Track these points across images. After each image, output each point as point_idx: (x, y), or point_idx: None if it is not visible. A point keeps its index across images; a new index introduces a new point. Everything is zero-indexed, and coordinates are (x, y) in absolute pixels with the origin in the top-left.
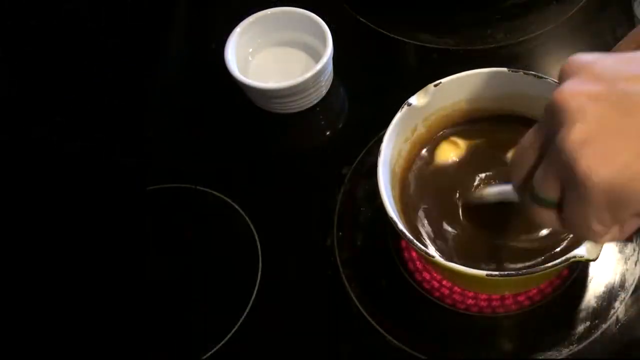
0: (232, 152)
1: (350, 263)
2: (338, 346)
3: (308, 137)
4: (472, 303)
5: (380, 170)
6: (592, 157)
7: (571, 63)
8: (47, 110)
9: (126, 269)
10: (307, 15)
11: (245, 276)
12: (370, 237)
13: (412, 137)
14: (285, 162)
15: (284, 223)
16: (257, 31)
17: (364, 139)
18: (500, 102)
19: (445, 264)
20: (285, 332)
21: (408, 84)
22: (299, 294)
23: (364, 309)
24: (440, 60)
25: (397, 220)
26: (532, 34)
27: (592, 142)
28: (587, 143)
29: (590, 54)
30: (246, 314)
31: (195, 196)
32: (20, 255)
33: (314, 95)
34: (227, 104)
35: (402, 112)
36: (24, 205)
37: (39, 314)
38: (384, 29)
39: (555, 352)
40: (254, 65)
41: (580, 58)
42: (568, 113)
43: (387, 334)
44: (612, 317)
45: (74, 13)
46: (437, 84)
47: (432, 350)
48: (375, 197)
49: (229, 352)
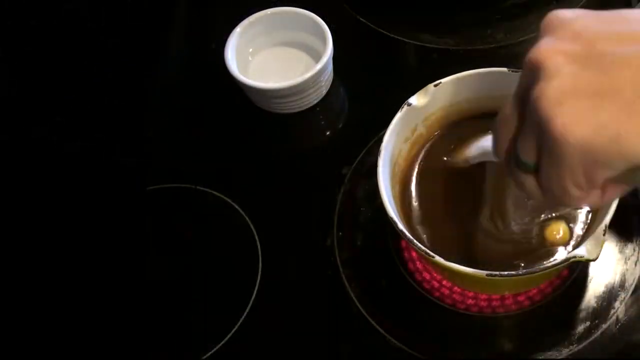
0: (232, 152)
1: (350, 263)
2: (338, 346)
3: (308, 137)
4: (472, 303)
5: (380, 170)
6: (568, 115)
7: (550, 19)
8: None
9: (126, 269)
10: (307, 15)
11: (245, 276)
12: (370, 237)
13: (412, 137)
14: (285, 162)
15: (284, 223)
16: (257, 31)
17: (364, 139)
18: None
19: (445, 264)
20: (285, 332)
21: (408, 84)
22: (299, 294)
23: (364, 309)
24: (440, 60)
25: (397, 220)
26: (532, 34)
27: (568, 100)
28: (563, 101)
29: (571, 10)
30: (246, 314)
31: (195, 196)
32: (21, 255)
33: (314, 95)
34: (227, 104)
35: (402, 112)
36: (24, 205)
37: (39, 313)
38: (384, 29)
39: (555, 352)
40: (254, 65)
41: (560, 14)
42: (544, 71)
43: (387, 334)
44: (612, 317)
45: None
46: (437, 84)
47: (432, 350)
48: (375, 197)
49: (229, 352)
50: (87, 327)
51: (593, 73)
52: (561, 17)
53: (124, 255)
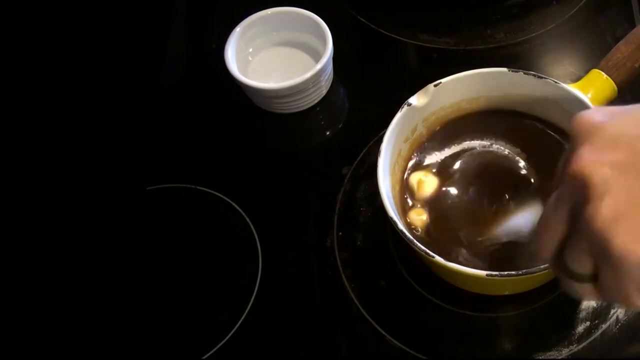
0: (232, 152)
1: (350, 263)
2: (338, 346)
3: (308, 137)
4: (472, 303)
5: (380, 170)
6: (626, 234)
7: (581, 124)
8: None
9: (126, 269)
10: (307, 15)
11: (245, 276)
12: (370, 237)
13: (412, 137)
14: (285, 162)
15: (284, 223)
16: (257, 31)
17: (364, 139)
18: (500, 102)
19: (445, 264)
20: (285, 332)
21: (408, 84)
22: (299, 294)
23: (364, 309)
24: (440, 60)
25: (397, 220)
26: (532, 34)
27: (624, 217)
28: (619, 219)
29: (600, 112)
30: (246, 314)
31: (195, 196)
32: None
33: (314, 95)
34: (227, 104)
35: (402, 112)
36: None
37: (39, 313)
38: (384, 29)
39: (555, 352)
40: (254, 65)
41: (591, 118)
42: (592, 187)
43: (387, 334)
44: (612, 317)
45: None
46: (437, 84)
47: (432, 350)
48: (375, 197)
49: (229, 352)
50: (86, 326)
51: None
52: (593, 122)
53: (124, 255)
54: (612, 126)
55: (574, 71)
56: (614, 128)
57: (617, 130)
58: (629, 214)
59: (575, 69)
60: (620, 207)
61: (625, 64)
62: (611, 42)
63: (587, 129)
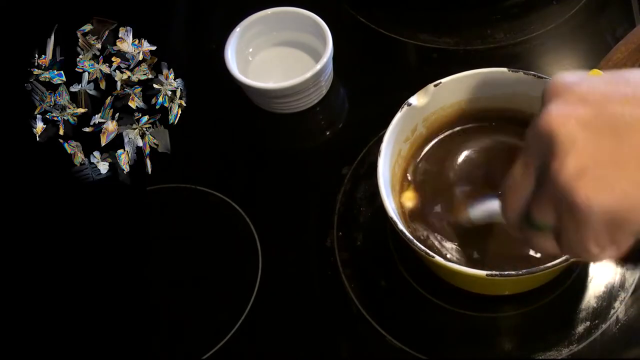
0: (232, 152)
1: (350, 263)
2: (338, 346)
3: (308, 137)
4: (472, 303)
5: (380, 170)
6: (590, 187)
7: (555, 84)
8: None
9: (126, 268)
10: (307, 15)
11: (245, 276)
12: (370, 237)
13: (412, 137)
14: (285, 162)
15: (284, 223)
16: (257, 31)
17: (364, 139)
18: (500, 102)
19: (445, 264)
20: (285, 332)
21: (408, 84)
22: (299, 294)
23: (364, 309)
24: (440, 60)
25: (397, 220)
26: (532, 34)
27: (588, 171)
28: (583, 173)
29: (574, 74)
30: (246, 314)
31: (195, 196)
32: (20, 255)
33: (314, 95)
34: (227, 104)
35: (402, 112)
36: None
37: (39, 313)
38: (384, 29)
39: (555, 352)
40: (254, 65)
41: (565, 79)
42: (559, 142)
43: (387, 334)
44: (612, 317)
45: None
46: (437, 84)
47: (432, 350)
48: (375, 197)
49: (229, 352)
50: (87, 326)
51: (609, 140)
52: (566, 81)
53: (124, 255)
54: (582, 85)
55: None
56: (583, 86)
57: (587, 89)
58: (592, 168)
59: (575, 69)
60: (585, 161)
61: (625, 64)
62: (611, 42)
63: (558, 88)
